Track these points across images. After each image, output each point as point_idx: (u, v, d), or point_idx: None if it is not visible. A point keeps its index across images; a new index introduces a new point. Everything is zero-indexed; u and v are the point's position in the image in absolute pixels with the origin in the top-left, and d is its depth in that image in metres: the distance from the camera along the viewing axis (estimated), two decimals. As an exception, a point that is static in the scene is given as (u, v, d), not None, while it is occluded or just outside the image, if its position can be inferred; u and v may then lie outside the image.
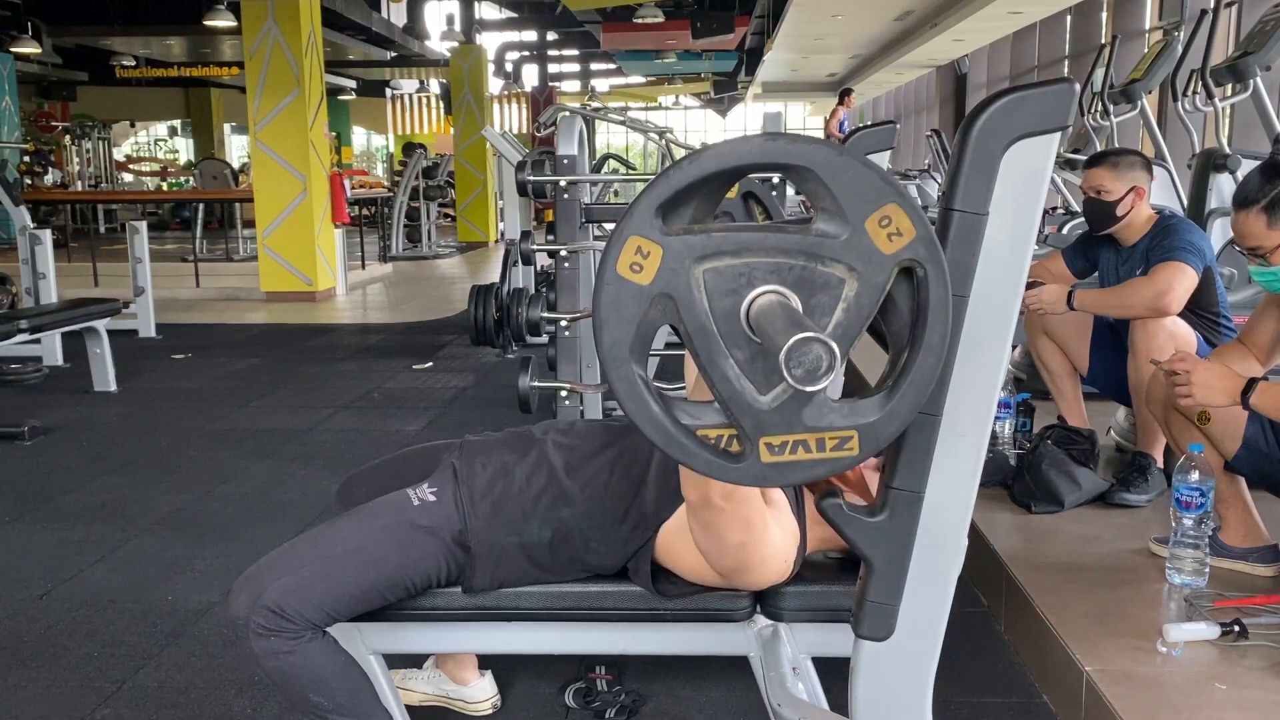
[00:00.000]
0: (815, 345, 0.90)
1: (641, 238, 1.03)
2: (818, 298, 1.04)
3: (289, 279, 8.54)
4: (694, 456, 1.07)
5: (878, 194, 1.02)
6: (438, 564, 1.62)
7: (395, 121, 24.51)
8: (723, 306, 1.04)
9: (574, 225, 3.34)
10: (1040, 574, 2.42)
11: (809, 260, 1.04)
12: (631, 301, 1.04)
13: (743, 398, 1.05)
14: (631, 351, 1.05)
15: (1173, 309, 2.74)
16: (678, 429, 1.07)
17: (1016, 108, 1.13)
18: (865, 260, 1.04)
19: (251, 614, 1.51)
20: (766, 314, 1.00)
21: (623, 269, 1.04)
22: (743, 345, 1.04)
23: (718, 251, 1.04)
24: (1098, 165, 2.96)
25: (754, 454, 1.06)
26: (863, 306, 1.05)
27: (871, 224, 1.03)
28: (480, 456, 1.73)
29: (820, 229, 1.04)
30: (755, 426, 1.06)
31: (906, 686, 1.32)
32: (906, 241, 1.03)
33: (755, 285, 1.04)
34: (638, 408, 1.06)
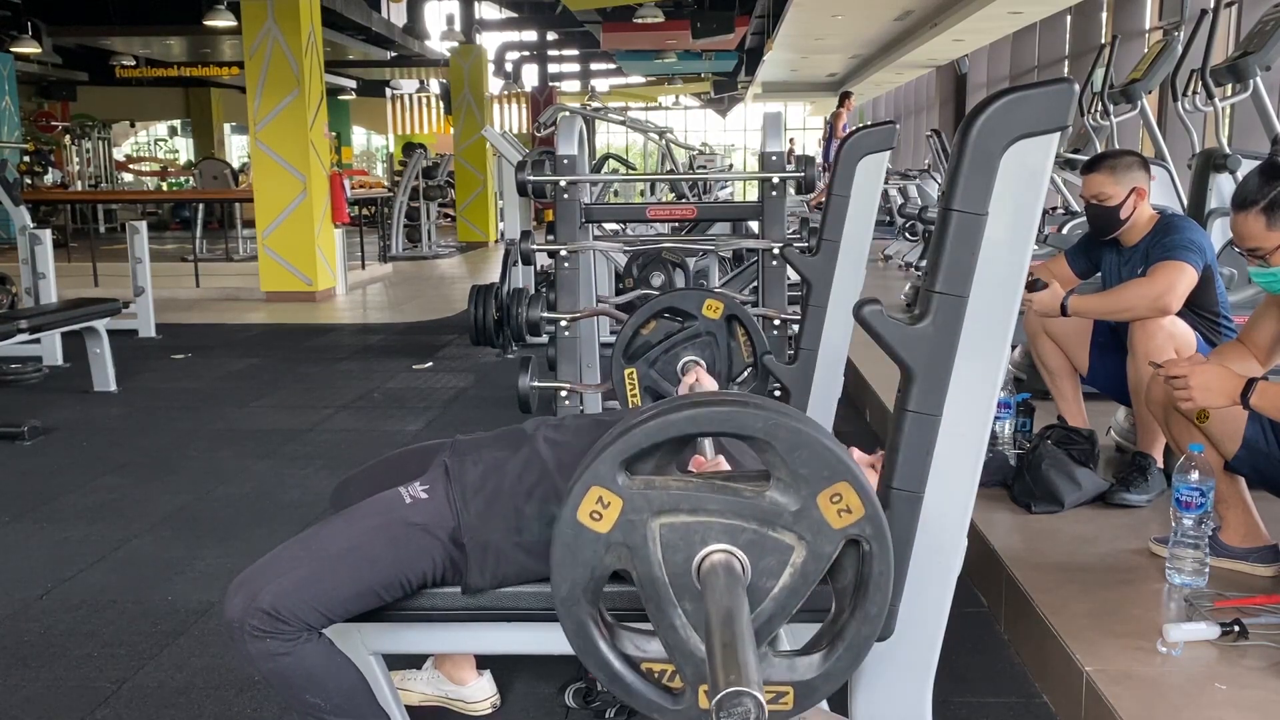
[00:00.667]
0: (745, 699, 0.92)
1: (603, 489, 1.10)
2: (766, 560, 1.11)
3: (289, 279, 8.54)
4: (635, 697, 1.14)
5: (832, 472, 1.09)
6: (432, 561, 1.61)
7: (395, 121, 24.50)
8: (675, 560, 1.11)
9: (574, 225, 3.34)
10: (1040, 574, 2.42)
11: (761, 525, 1.10)
12: (588, 547, 1.11)
13: (686, 646, 1.12)
14: (585, 593, 1.12)
15: (1173, 308, 2.74)
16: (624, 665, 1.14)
17: (1016, 108, 1.13)
18: (815, 532, 1.10)
19: (246, 617, 1.50)
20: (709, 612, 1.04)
21: (583, 516, 1.10)
22: (691, 597, 1.11)
23: (675, 508, 1.10)
24: (1095, 171, 2.96)
25: (693, 698, 1.13)
26: (809, 573, 1.11)
27: (823, 499, 1.09)
28: (471, 454, 1.73)
29: (774, 498, 1.10)
30: (696, 674, 1.12)
31: (906, 686, 1.32)
32: (855, 518, 1.10)
33: (708, 543, 1.10)
34: (585, 647, 1.14)
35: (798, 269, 2.73)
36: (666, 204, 4.94)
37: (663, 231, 5.30)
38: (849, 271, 2.60)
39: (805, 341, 2.65)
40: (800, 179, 3.44)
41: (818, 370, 2.63)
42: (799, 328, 2.74)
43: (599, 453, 1.09)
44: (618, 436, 1.09)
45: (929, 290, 1.18)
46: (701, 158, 9.75)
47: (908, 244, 9.34)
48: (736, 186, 13.21)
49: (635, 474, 1.10)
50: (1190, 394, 2.12)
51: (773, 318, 3.30)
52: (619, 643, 1.14)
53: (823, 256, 2.60)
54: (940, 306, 1.18)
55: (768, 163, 3.36)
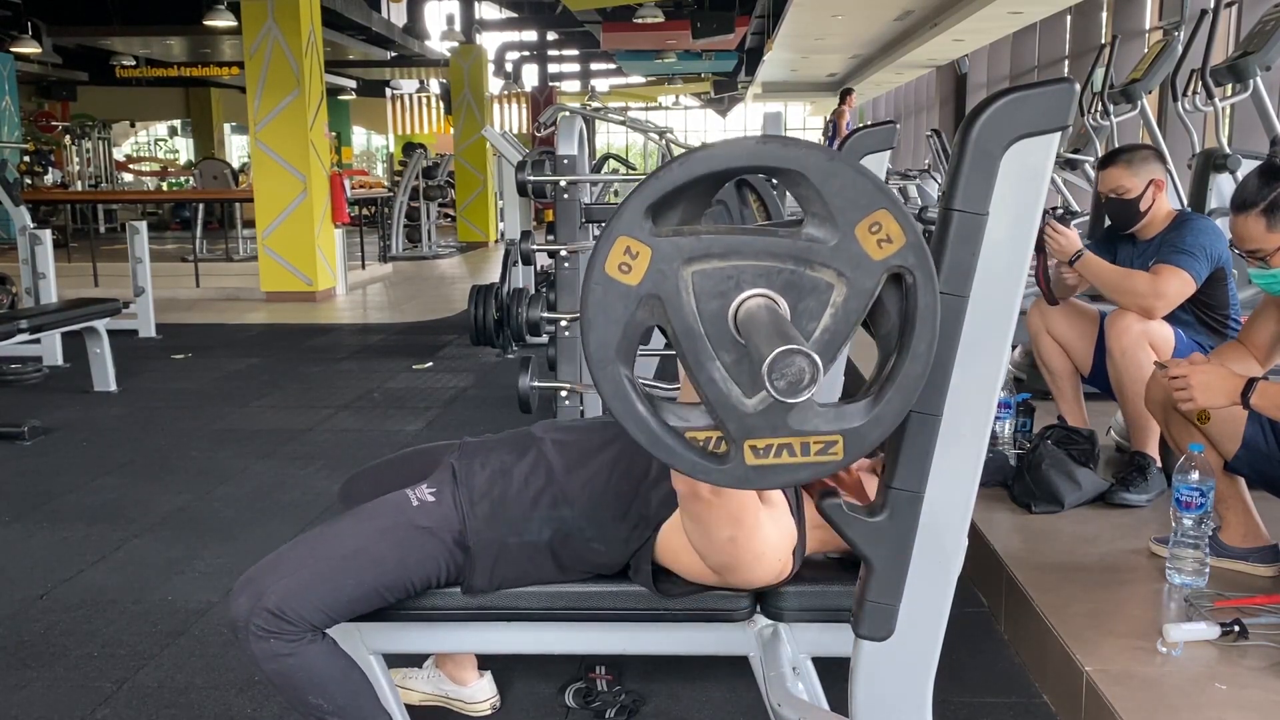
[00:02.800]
0: (798, 358, 0.89)
1: (630, 238, 1.03)
2: (806, 302, 1.04)
3: (289, 279, 8.54)
4: (679, 457, 1.07)
5: (869, 200, 1.02)
6: (437, 564, 1.62)
7: (395, 121, 24.50)
8: (710, 309, 1.04)
9: (574, 225, 3.34)
10: (1040, 574, 2.42)
11: (798, 265, 1.04)
12: (619, 302, 1.04)
13: (728, 400, 1.05)
14: (618, 352, 1.05)
15: (1157, 314, 2.76)
16: (663, 429, 1.06)
17: (1016, 108, 1.13)
18: (854, 266, 1.03)
19: (251, 616, 1.51)
20: (753, 321, 0.99)
21: (611, 269, 1.03)
22: (729, 348, 1.04)
23: (706, 254, 1.03)
24: (1112, 165, 2.97)
25: (738, 456, 1.06)
26: (850, 312, 1.05)
27: (862, 230, 1.03)
28: (479, 457, 1.73)
29: (810, 233, 1.04)
30: (740, 429, 1.05)
31: (906, 686, 1.32)
32: (896, 248, 1.03)
33: (744, 288, 1.04)
34: (623, 408, 1.06)
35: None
36: (666, 204, 4.93)
37: (663, 231, 5.29)
38: (849, 271, 2.60)
39: (805, 341, 2.64)
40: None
41: (818, 370, 2.62)
42: (799, 327, 2.73)
43: (624, 202, 1.03)
44: (641, 185, 1.03)
45: (929, 290, 1.18)
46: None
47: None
48: (736, 186, 13.19)
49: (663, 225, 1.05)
50: (1191, 394, 2.12)
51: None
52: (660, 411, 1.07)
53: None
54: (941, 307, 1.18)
55: (768, 162, 3.35)
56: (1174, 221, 2.93)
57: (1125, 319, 2.77)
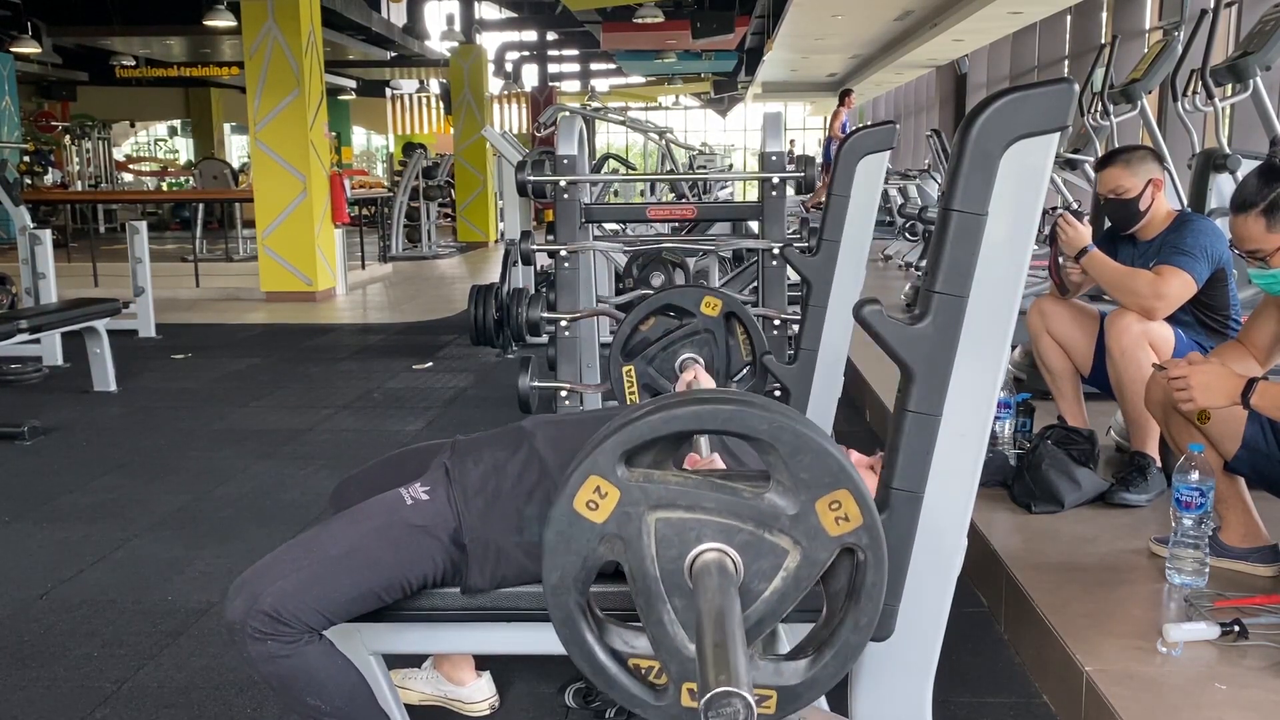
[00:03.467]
0: (735, 701, 0.91)
1: (601, 479, 1.08)
2: (760, 563, 1.10)
3: (289, 279, 8.54)
4: (618, 689, 1.13)
5: (833, 479, 1.08)
6: (433, 563, 1.61)
7: (395, 121, 24.50)
8: (668, 555, 1.09)
9: (574, 225, 3.34)
10: (1040, 574, 2.42)
11: (757, 527, 1.09)
12: (582, 536, 1.09)
13: (673, 643, 1.10)
14: (575, 582, 1.11)
15: (1159, 315, 2.76)
16: (608, 658, 1.12)
17: (1016, 108, 1.13)
18: (811, 538, 1.09)
19: (247, 619, 1.50)
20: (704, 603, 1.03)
21: (579, 505, 1.09)
22: (682, 594, 1.10)
23: (672, 504, 1.09)
24: (1110, 166, 2.97)
25: (675, 695, 1.11)
26: (801, 579, 1.10)
27: (822, 505, 1.08)
28: (472, 454, 1.73)
29: (772, 500, 1.09)
30: (680, 672, 1.10)
31: (906, 686, 1.32)
32: (852, 527, 1.09)
33: (703, 541, 1.09)
34: (571, 637, 1.12)
35: (798, 269, 2.73)
36: (666, 204, 4.94)
37: (663, 231, 5.30)
38: (849, 271, 2.60)
39: (805, 341, 2.65)
40: (800, 179, 3.44)
41: (818, 370, 2.63)
42: (799, 328, 2.73)
43: (599, 442, 1.08)
44: (619, 428, 1.08)
45: (929, 290, 1.18)
46: (701, 158, 9.75)
47: (908, 244, 9.34)
48: (736, 186, 13.22)
49: (634, 467, 1.10)
50: (1191, 394, 2.12)
51: (773, 318, 3.30)
52: (606, 636, 1.13)
53: (823, 256, 2.60)
54: (940, 306, 1.18)
55: (768, 163, 3.36)
56: (1174, 222, 2.93)
57: (1125, 319, 2.77)
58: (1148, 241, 2.97)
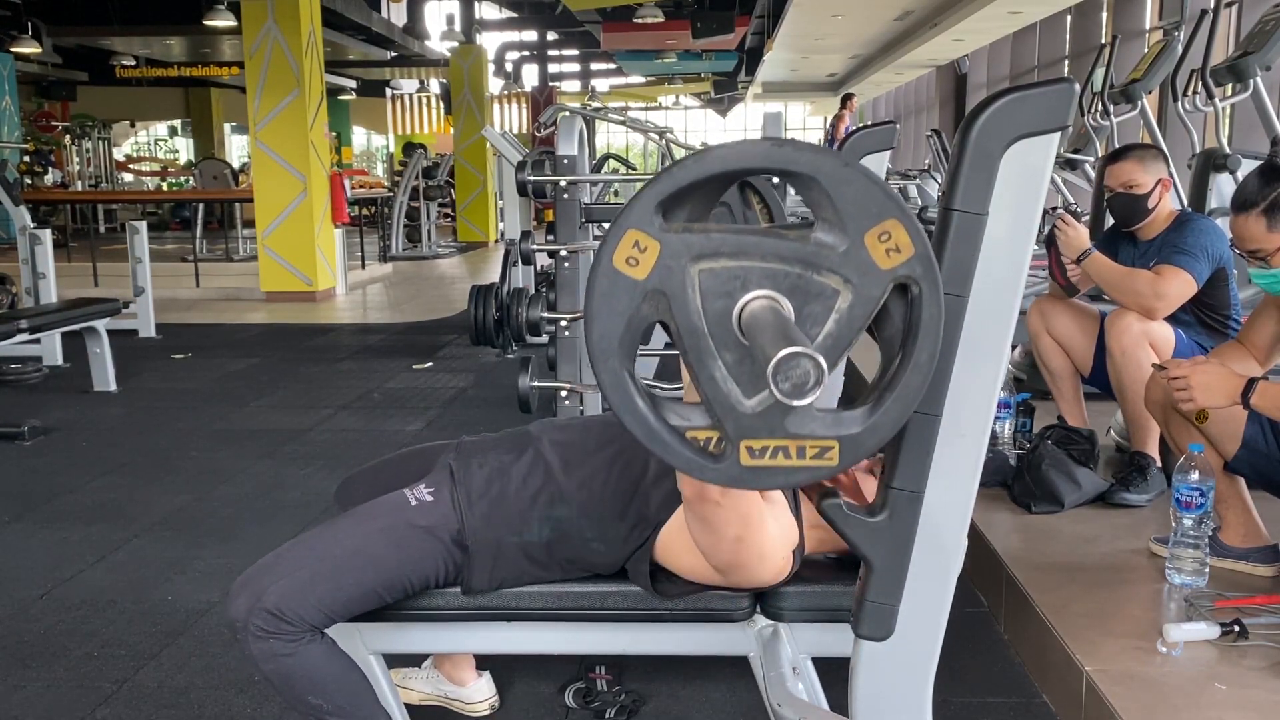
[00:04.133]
0: (804, 360, 0.89)
1: (640, 232, 1.02)
2: (811, 307, 1.04)
3: (289, 279, 8.54)
4: (674, 453, 1.07)
5: (880, 209, 1.02)
6: (436, 564, 1.62)
7: (395, 121, 24.49)
8: (715, 308, 1.04)
9: (574, 225, 3.34)
10: (1040, 574, 2.42)
11: (805, 269, 1.03)
12: (624, 295, 1.04)
13: (727, 399, 1.05)
14: (620, 345, 1.05)
15: (1160, 314, 2.76)
16: (662, 425, 1.06)
17: (1016, 108, 1.13)
18: (861, 273, 1.03)
19: (250, 616, 1.50)
20: (758, 321, 0.99)
21: (619, 262, 1.03)
22: (732, 348, 1.04)
23: (715, 252, 1.03)
24: (1125, 160, 2.97)
25: (734, 455, 1.06)
26: (855, 319, 1.04)
27: (871, 238, 1.03)
28: (477, 456, 1.73)
29: (819, 238, 1.03)
30: (737, 429, 1.05)
31: (906, 686, 1.32)
32: (904, 258, 1.03)
33: (750, 289, 1.03)
34: (622, 402, 1.06)
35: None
36: (666, 204, 4.93)
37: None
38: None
39: (805, 341, 2.64)
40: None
41: (818, 370, 2.62)
42: (799, 327, 2.73)
43: (636, 196, 1.03)
44: (654, 180, 1.03)
45: (929, 289, 1.18)
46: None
47: (908, 244, 9.32)
48: (736, 186, 13.20)
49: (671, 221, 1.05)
50: (1191, 394, 2.12)
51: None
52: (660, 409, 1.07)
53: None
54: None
55: (768, 163, 3.35)
56: (1175, 222, 2.93)
57: (1125, 319, 2.77)
58: (1148, 241, 2.97)
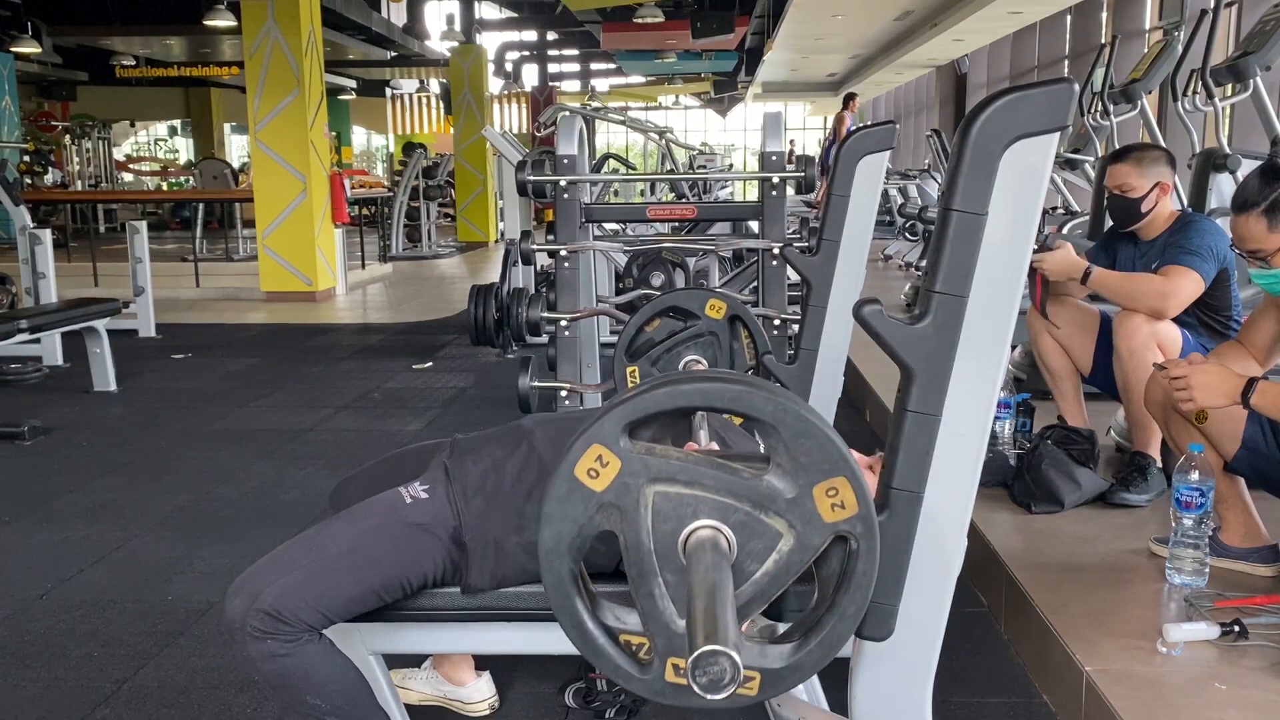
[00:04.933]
0: (721, 659, 0.92)
1: (604, 448, 1.08)
2: (754, 544, 1.10)
3: (289, 279, 8.54)
4: (604, 659, 1.13)
5: (832, 466, 1.08)
6: (433, 562, 1.61)
7: (395, 121, 24.50)
8: (664, 529, 1.10)
9: (574, 225, 3.33)
10: (1040, 574, 2.42)
11: (754, 508, 1.10)
12: (580, 503, 1.10)
13: (662, 617, 1.11)
14: (569, 549, 1.10)
15: (1169, 314, 2.75)
16: (596, 628, 1.12)
17: (1016, 108, 1.13)
18: (805, 522, 1.09)
19: (247, 618, 1.50)
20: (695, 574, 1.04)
21: (579, 472, 1.09)
22: (673, 570, 1.10)
23: (672, 478, 1.09)
24: (1121, 162, 2.97)
25: (660, 670, 1.11)
26: (793, 563, 1.11)
27: (819, 490, 1.09)
28: (471, 453, 1.73)
29: (770, 482, 1.09)
30: (667, 646, 1.11)
31: (906, 686, 1.32)
32: (848, 514, 1.09)
33: (699, 518, 1.10)
34: (562, 603, 1.12)
35: (798, 269, 2.73)
36: (666, 204, 4.94)
37: (663, 231, 5.30)
38: (849, 271, 2.60)
39: (805, 341, 2.65)
40: (800, 179, 3.44)
41: (818, 370, 2.63)
42: (799, 328, 2.74)
43: (605, 412, 1.09)
44: (625, 400, 1.08)
45: (929, 290, 1.18)
46: (701, 158, 9.75)
47: (908, 244, 9.35)
48: (736, 186, 13.22)
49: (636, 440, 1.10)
50: (1191, 394, 2.11)
51: (773, 318, 3.30)
52: (598, 609, 1.13)
53: (823, 256, 2.60)
54: (940, 306, 1.18)
55: (768, 163, 3.36)
56: (1177, 222, 2.93)
57: (1134, 319, 2.76)
58: (1149, 241, 2.97)
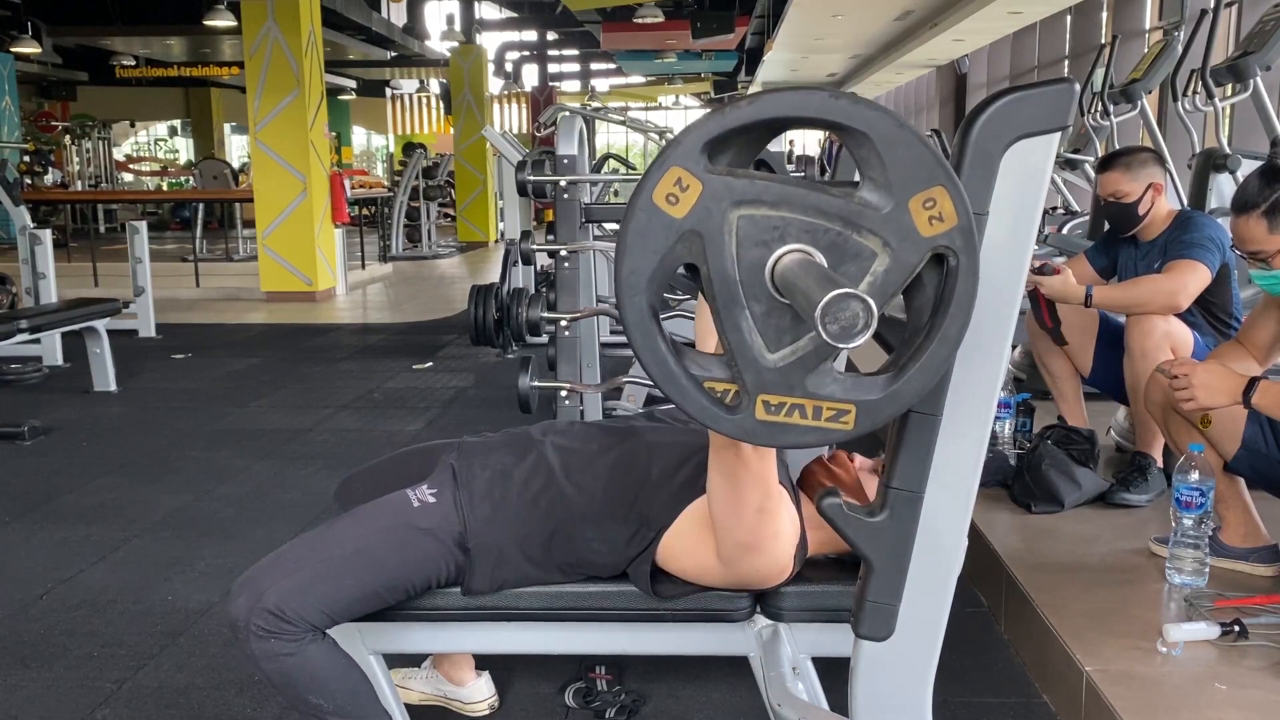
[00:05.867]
0: (853, 302, 0.87)
1: (684, 170, 1.00)
2: (846, 266, 1.02)
3: (289, 279, 8.54)
4: (690, 399, 1.05)
5: (929, 175, 1.00)
6: (437, 566, 1.61)
7: (395, 121, 24.50)
8: (750, 256, 1.02)
9: (574, 225, 3.34)
10: (1040, 574, 2.42)
11: (846, 227, 1.01)
12: (661, 232, 1.02)
13: (750, 351, 1.03)
14: (650, 282, 1.03)
15: (1182, 305, 2.75)
16: (680, 369, 1.04)
17: (1016, 108, 1.13)
18: (901, 238, 1.01)
19: (251, 616, 1.50)
20: (799, 269, 0.97)
21: (658, 198, 1.01)
22: (762, 299, 1.02)
23: (757, 199, 1.01)
24: (1110, 170, 2.96)
25: (749, 409, 1.04)
26: (889, 284, 1.02)
27: (915, 203, 1.01)
28: (479, 458, 1.73)
29: (863, 197, 1.01)
30: (756, 382, 1.04)
31: (906, 686, 1.32)
32: (947, 227, 1.01)
33: (787, 241, 1.01)
34: (644, 341, 1.04)
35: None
36: (666, 204, 4.92)
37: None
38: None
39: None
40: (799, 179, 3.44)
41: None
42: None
43: (685, 133, 1.01)
44: (704, 119, 1.01)
45: (929, 289, 1.18)
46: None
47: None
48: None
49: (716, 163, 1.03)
50: (1192, 394, 2.11)
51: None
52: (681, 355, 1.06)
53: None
54: (941, 305, 1.17)
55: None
56: (1176, 220, 2.93)
57: (1150, 319, 2.75)
58: (1149, 242, 2.97)
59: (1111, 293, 2.88)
